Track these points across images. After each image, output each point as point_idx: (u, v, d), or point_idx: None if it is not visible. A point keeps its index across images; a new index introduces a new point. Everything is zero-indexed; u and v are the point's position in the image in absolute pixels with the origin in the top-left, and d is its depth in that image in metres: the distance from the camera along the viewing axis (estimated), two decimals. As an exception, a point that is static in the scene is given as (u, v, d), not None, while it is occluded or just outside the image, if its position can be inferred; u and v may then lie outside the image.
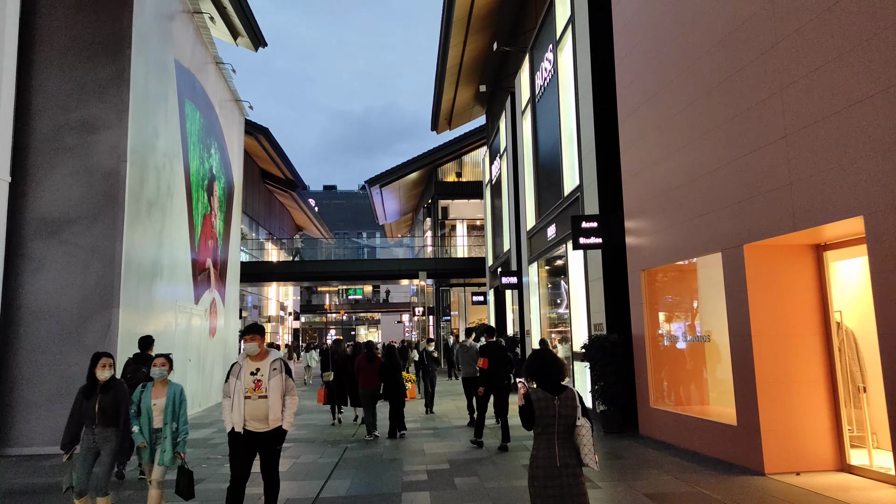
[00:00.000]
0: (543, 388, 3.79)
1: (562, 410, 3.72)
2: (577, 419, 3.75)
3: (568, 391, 3.81)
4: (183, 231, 13.27)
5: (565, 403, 3.75)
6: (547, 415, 3.71)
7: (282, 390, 5.14)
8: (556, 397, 3.75)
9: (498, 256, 22.65)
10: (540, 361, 3.90)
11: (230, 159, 18.31)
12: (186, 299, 13.64)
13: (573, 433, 3.76)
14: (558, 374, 3.84)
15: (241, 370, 5.09)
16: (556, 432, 3.71)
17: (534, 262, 16.18)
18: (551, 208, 14.05)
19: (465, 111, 27.02)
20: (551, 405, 3.72)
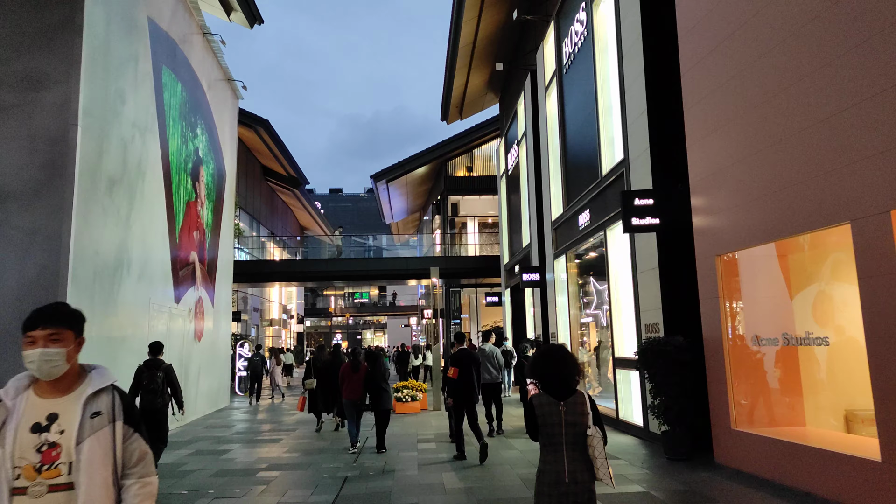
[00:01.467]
0: (548, 392, 3.39)
1: (568, 418, 3.31)
2: (588, 427, 3.32)
3: (577, 395, 3.39)
4: (159, 217, 11.47)
5: (573, 409, 3.33)
6: (551, 422, 3.32)
7: (112, 468, 2.23)
8: (562, 402, 3.33)
9: (515, 253, 20.77)
10: (544, 361, 3.46)
11: (221, 144, 16.54)
12: (165, 298, 11.83)
13: (585, 444, 3.32)
14: (565, 376, 3.39)
15: (10, 419, 2.18)
16: (564, 443, 3.31)
17: (560, 255, 14.30)
18: (584, 192, 12.17)
19: (477, 99, 25.18)
20: (555, 411, 3.33)
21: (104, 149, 8.98)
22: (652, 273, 8.83)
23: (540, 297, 16.44)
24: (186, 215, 13.22)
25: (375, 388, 9.10)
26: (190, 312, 13.55)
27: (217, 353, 15.89)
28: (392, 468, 8.07)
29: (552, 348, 3.56)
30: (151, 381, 7.29)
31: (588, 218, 11.96)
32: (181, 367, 12.90)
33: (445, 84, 23.16)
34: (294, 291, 45.57)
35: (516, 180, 20.17)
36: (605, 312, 12.69)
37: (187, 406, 13.26)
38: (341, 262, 29.49)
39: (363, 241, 53.15)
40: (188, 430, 11.96)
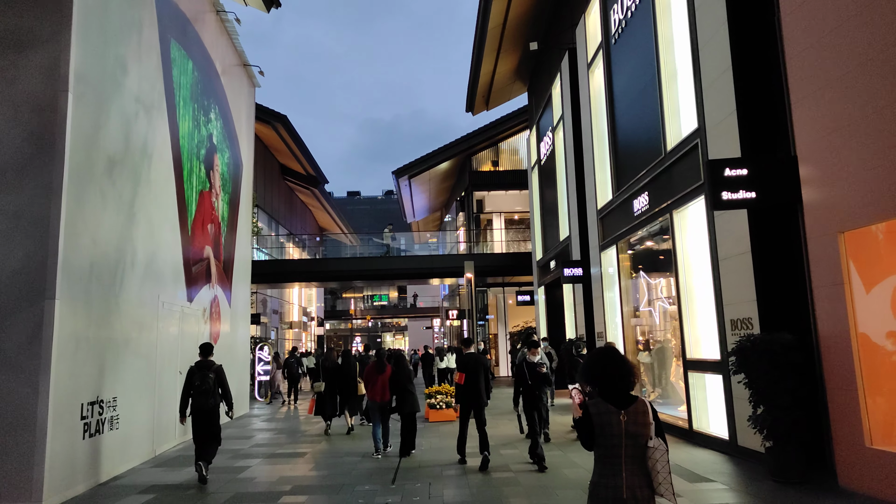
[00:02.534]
0: (605, 398, 3.04)
1: (629, 428, 2.97)
2: (650, 439, 2.98)
3: (638, 403, 3.03)
4: (168, 206, 10.33)
5: (634, 419, 2.99)
6: (610, 433, 2.98)
7: None
8: (622, 411, 2.99)
9: (549, 248, 19.43)
10: (601, 363, 3.11)
11: (237, 133, 15.42)
12: (176, 296, 10.68)
13: (644, 456, 2.99)
14: (626, 380, 3.05)
15: None
16: (623, 455, 2.97)
17: (609, 246, 12.94)
18: (640, 174, 10.82)
19: (504, 87, 23.88)
20: (615, 421, 2.98)
21: (102, 123, 7.83)
22: (741, 259, 7.46)
23: (583, 293, 15.09)
24: (200, 206, 12.09)
25: (401, 390, 8.71)
26: (205, 313, 12.40)
27: (235, 357, 14.75)
28: (439, 492, 6.79)
29: (608, 350, 3.23)
30: (203, 382, 7.39)
31: (646, 202, 10.61)
32: (195, 372, 11.75)
33: (472, 71, 21.92)
34: (314, 294, 44.59)
35: (551, 170, 18.83)
36: (663, 308, 11.33)
37: (202, 415, 12.14)
38: (363, 260, 28.30)
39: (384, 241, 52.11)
40: (203, 443, 10.80)
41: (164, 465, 8.76)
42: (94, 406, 7.48)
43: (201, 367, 7.56)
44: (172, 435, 10.35)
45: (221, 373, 7.68)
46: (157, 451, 9.58)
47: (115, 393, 8.06)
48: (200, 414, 7.41)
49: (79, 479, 7.11)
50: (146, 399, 9.22)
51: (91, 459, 7.37)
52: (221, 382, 7.60)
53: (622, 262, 12.28)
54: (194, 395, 7.44)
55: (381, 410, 9.01)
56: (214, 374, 7.54)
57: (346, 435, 11.34)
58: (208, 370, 7.51)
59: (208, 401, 7.43)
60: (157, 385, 9.63)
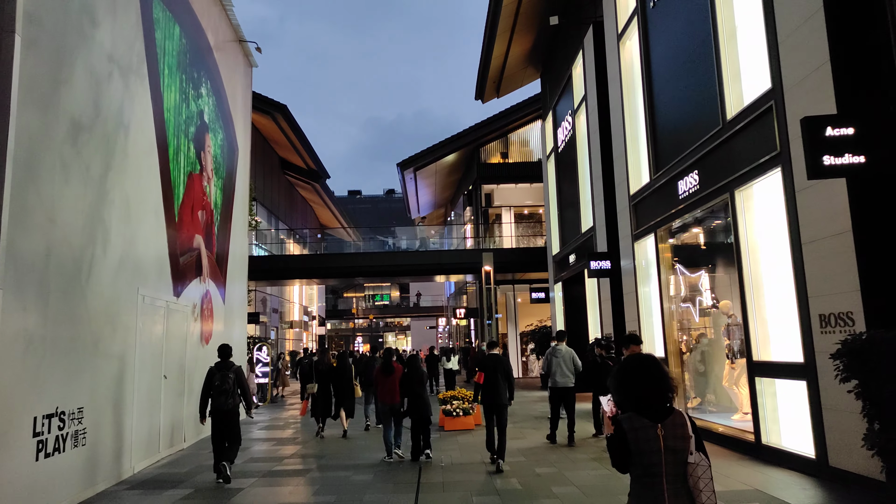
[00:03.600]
0: (639, 412, 2.74)
1: (669, 443, 2.68)
2: (690, 454, 2.71)
3: (675, 415, 2.74)
4: (150, 185, 9.02)
5: (673, 433, 2.70)
6: (648, 449, 2.68)
7: None
8: (659, 424, 2.71)
9: (567, 242, 18.12)
10: (634, 371, 2.82)
11: (232, 114, 14.12)
12: (160, 289, 9.38)
13: (685, 474, 2.72)
14: (663, 394, 2.76)
15: None
16: (664, 473, 2.67)
17: (645, 235, 11.63)
18: (688, 150, 9.52)
19: (516, 73, 22.55)
20: (653, 436, 2.69)
21: (63, 78, 6.52)
22: (837, 241, 6.14)
23: (611, 288, 13.78)
24: (189, 189, 10.78)
25: (412, 393, 8.38)
26: (195, 310, 11.10)
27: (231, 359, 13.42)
28: None
29: (644, 358, 2.86)
30: (223, 382, 7.45)
31: (695, 182, 9.30)
32: (184, 375, 10.45)
33: (483, 54, 20.62)
34: (315, 293, 43.31)
35: (570, 158, 17.52)
36: (703, 303, 10.03)
37: (193, 425, 10.84)
38: (367, 256, 26.99)
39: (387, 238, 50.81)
40: (191, 455, 9.49)
41: (141, 487, 7.45)
42: (52, 419, 6.17)
43: (221, 368, 7.60)
44: (155, 448, 9.05)
45: (241, 373, 7.75)
46: (136, 468, 8.27)
47: (81, 402, 6.76)
48: (220, 414, 7.43)
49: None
50: (121, 408, 7.91)
51: (47, 485, 6.06)
52: (241, 383, 7.64)
53: (662, 253, 10.96)
54: (214, 395, 7.45)
55: (392, 412, 8.70)
56: (234, 374, 7.59)
57: (343, 438, 10.99)
58: (228, 371, 7.56)
59: (227, 401, 7.43)
60: (135, 392, 8.32)
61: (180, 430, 10.15)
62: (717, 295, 11.15)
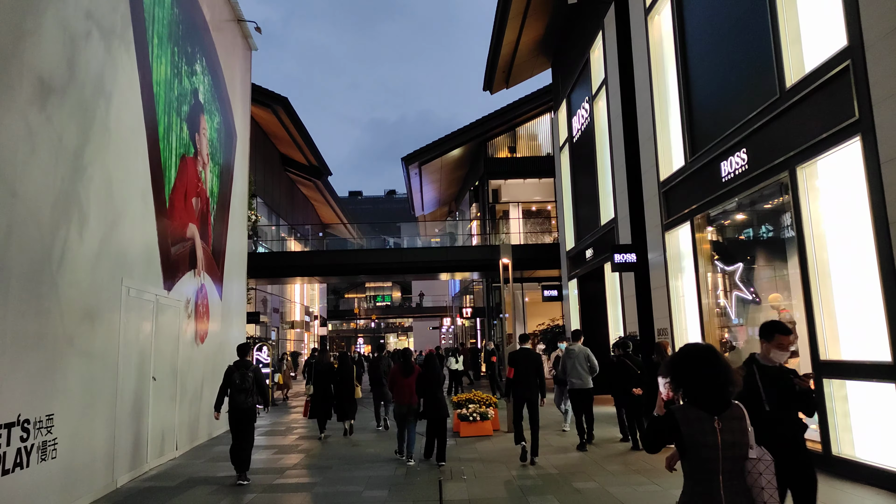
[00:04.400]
0: (695, 403, 2.61)
1: (726, 437, 2.54)
2: (751, 448, 2.60)
3: (734, 408, 2.61)
4: (137, 164, 8.08)
5: (730, 426, 2.56)
6: (703, 443, 2.53)
7: None
8: (716, 417, 2.57)
9: (583, 236, 17.18)
10: (695, 360, 2.65)
11: (230, 99, 13.19)
12: (148, 282, 8.44)
13: (743, 471, 2.60)
14: (724, 388, 2.61)
15: None
16: (721, 470, 2.51)
17: (678, 225, 10.70)
18: (735, 127, 8.58)
19: (527, 62, 21.63)
20: (709, 429, 2.54)
21: (28, 29, 5.59)
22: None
23: (636, 283, 12.83)
24: (181, 173, 9.85)
25: (429, 393, 8.16)
26: (188, 306, 10.17)
27: (227, 360, 12.46)
28: None
29: (701, 347, 2.70)
30: (243, 381, 7.52)
31: (743, 162, 8.37)
32: (175, 377, 9.52)
33: (493, 41, 19.72)
34: (317, 293, 42.36)
35: (587, 147, 16.58)
36: (740, 298, 9.10)
37: (187, 431, 9.91)
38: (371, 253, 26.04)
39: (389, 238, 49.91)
40: (183, 466, 8.54)
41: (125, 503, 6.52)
42: (12, 429, 5.23)
43: (240, 367, 7.66)
44: (142, 459, 8.11)
45: (259, 372, 7.82)
46: (119, 482, 7.33)
47: (51, 409, 5.81)
48: (238, 412, 7.48)
49: (-15, 538, 4.87)
50: (102, 414, 6.97)
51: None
52: (259, 382, 7.69)
53: (699, 243, 10.02)
54: (233, 392, 7.49)
55: (410, 413, 8.41)
56: (253, 373, 7.65)
57: (343, 437, 10.87)
58: (247, 369, 7.62)
59: (247, 399, 7.49)
60: (119, 395, 7.38)
61: (171, 438, 9.21)
62: (758, 288, 10.22)
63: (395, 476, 7.58)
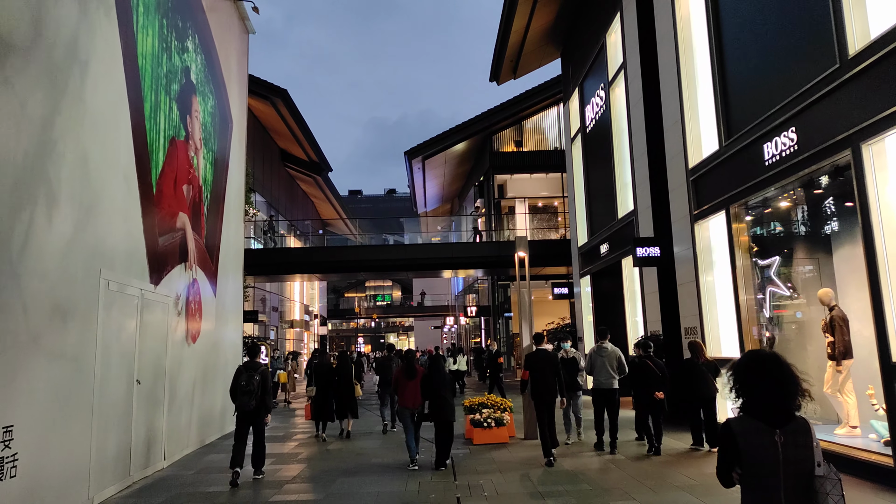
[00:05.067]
0: (754, 414, 2.40)
1: (789, 452, 2.33)
2: (818, 465, 2.32)
3: (798, 421, 2.39)
4: (118, 143, 7.25)
5: (794, 440, 2.34)
6: (764, 458, 2.32)
7: None
8: (778, 430, 2.35)
9: (598, 230, 16.36)
10: (756, 368, 2.45)
11: (225, 83, 12.37)
12: (131, 275, 7.61)
13: (810, 490, 2.31)
14: (788, 394, 2.39)
15: None
16: (783, 487, 2.31)
17: (710, 215, 9.88)
18: (782, 104, 7.76)
19: (535, 50, 20.79)
20: (769, 443, 2.34)
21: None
22: None
23: (659, 279, 12.00)
24: (171, 157, 9.02)
25: (434, 395, 7.87)
26: (178, 302, 9.34)
27: (221, 361, 11.68)
28: None
29: (766, 356, 2.49)
30: (249, 383, 7.35)
31: (791, 142, 7.54)
32: (164, 380, 8.69)
33: (501, 29, 18.93)
34: (317, 292, 41.54)
35: (602, 137, 15.76)
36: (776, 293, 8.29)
37: (176, 438, 9.08)
38: (373, 249, 25.19)
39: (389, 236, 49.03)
40: (171, 478, 7.69)
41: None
42: (-41, 446, 4.40)
43: (248, 368, 7.50)
44: (125, 471, 7.28)
45: (266, 374, 7.61)
46: (96, 499, 6.50)
47: (8, 419, 4.98)
48: (243, 415, 7.39)
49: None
50: (76, 423, 6.14)
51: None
52: (265, 384, 7.48)
53: (736, 235, 9.18)
54: (238, 394, 7.34)
55: (412, 417, 8.17)
56: (260, 375, 7.45)
57: (340, 437, 10.79)
58: (255, 371, 7.45)
59: (251, 401, 7.33)
60: (97, 401, 6.55)
61: (158, 447, 8.38)
62: (797, 283, 9.41)
63: (406, 492, 6.76)
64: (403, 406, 8.18)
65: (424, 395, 7.98)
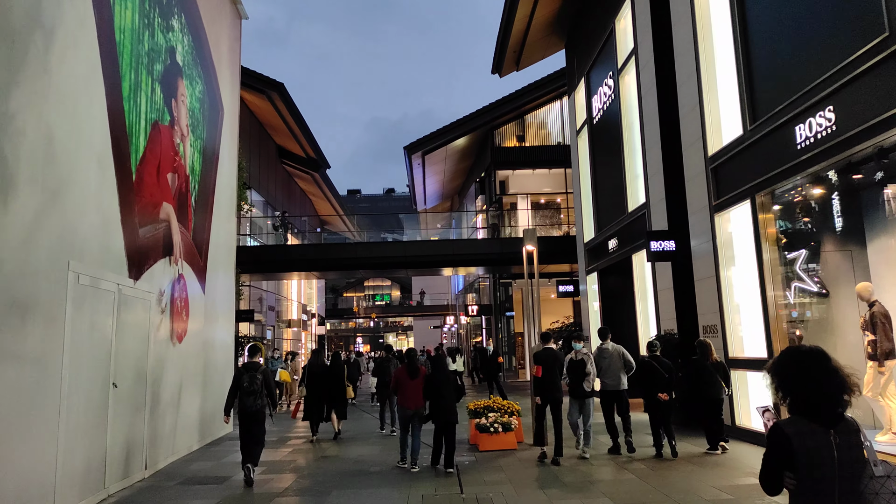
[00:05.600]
0: (804, 415, 2.26)
1: (843, 455, 2.18)
2: (875, 465, 2.18)
3: (848, 422, 2.24)
4: (91, 123, 6.59)
5: (848, 442, 2.20)
6: (818, 461, 2.17)
7: None
8: (832, 431, 2.21)
9: (605, 226, 15.71)
10: (805, 364, 2.30)
11: (216, 69, 11.70)
12: (106, 269, 6.96)
13: (861, 493, 2.16)
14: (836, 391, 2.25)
15: None
16: (837, 492, 2.16)
17: (732, 206, 9.25)
18: (816, 82, 7.12)
19: (539, 40, 20.16)
20: (825, 444, 2.19)
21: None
22: None
23: (673, 274, 11.35)
24: (154, 142, 8.35)
25: (436, 395, 7.67)
26: (162, 299, 8.68)
27: (211, 362, 11.02)
28: None
29: (813, 349, 2.34)
30: (251, 383, 7.32)
31: (829, 122, 6.90)
32: (145, 383, 8.03)
33: (504, 19, 18.32)
34: (315, 291, 40.87)
35: (610, 128, 15.12)
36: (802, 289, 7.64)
37: (160, 444, 8.42)
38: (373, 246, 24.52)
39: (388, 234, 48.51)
40: (151, 489, 7.03)
41: (59, 553, 5.03)
42: None
43: (249, 369, 7.50)
44: (98, 483, 6.62)
45: (268, 374, 7.62)
46: (63, 516, 5.84)
47: (-49, 432, 4.32)
48: (246, 415, 7.34)
49: None
50: (39, 432, 5.49)
51: None
52: (268, 384, 7.50)
53: (763, 226, 8.53)
54: (241, 395, 7.33)
55: (416, 417, 7.93)
56: (262, 375, 7.45)
57: (333, 440, 10.49)
58: (256, 371, 7.45)
59: (256, 402, 7.35)
60: (65, 407, 5.89)
61: (138, 455, 7.72)
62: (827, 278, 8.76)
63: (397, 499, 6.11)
64: (404, 406, 7.99)
65: (426, 396, 7.78)
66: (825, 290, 8.89)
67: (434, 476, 7.44)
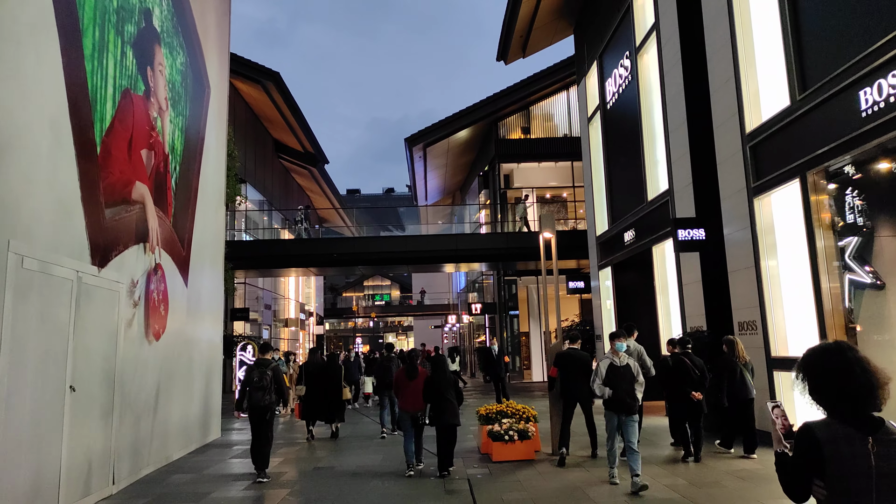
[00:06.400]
0: (839, 419, 2.02)
1: (882, 463, 1.93)
2: None
3: (890, 429, 2.00)
4: (41, 82, 5.58)
5: (888, 450, 1.95)
6: (853, 471, 1.94)
7: None
8: (871, 437, 1.96)
9: (621, 217, 14.72)
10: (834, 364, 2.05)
11: (202, 43, 10.70)
12: (60, 252, 5.95)
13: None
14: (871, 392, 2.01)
15: None
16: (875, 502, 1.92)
17: (776, 187, 8.26)
18: (884, 40, 6.11)
19: (547, 25, 19.16)
20: (861, 452, 1.95)
21: None
22: None
23: (702, 266, 10.36)
24: (124, 112, 7.34)
25: (436, 397, 7.30)
26: (135, 290, 7.67)
27: (196, 362, 10.00)
28: None
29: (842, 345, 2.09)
30: (262, 379, 7.41)
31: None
32: (112, 386, 7.02)
33: (510, 2, 17.36)
34: (313, 290, 39.88)
35: (627, 111, 14.12)
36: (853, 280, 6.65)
37: (132, 455, 7.40)
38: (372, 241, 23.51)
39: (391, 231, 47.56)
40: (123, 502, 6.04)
41: None
42: None
43: (259, 365, 7.57)
44: (51, 497, 5.61)
45: (279, 371, 7.63)
46: (-1, 549, 4.83)
47: None
48: (256, 410, 7.37)
49: None
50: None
51: None
52: (278, 380, 7.52)
53: (817, 209, 7.53)
54: (251, 390, 7.37)
55: (412, 421, 7.70)
56: (272, 371, 7.48)
57: (330, 439, 10.38)
58: (266, 367, 7.50)
59: (264, 397, 7.35)
60: (2, 416, 4.89)
61: (105, 469, 6.71)
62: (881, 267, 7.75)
63: None
64: (404, 409, 7.78)
65: (426, 398, 7.44)
66: (880, 281, 7.91)
67: (444, 493, 6.45)
